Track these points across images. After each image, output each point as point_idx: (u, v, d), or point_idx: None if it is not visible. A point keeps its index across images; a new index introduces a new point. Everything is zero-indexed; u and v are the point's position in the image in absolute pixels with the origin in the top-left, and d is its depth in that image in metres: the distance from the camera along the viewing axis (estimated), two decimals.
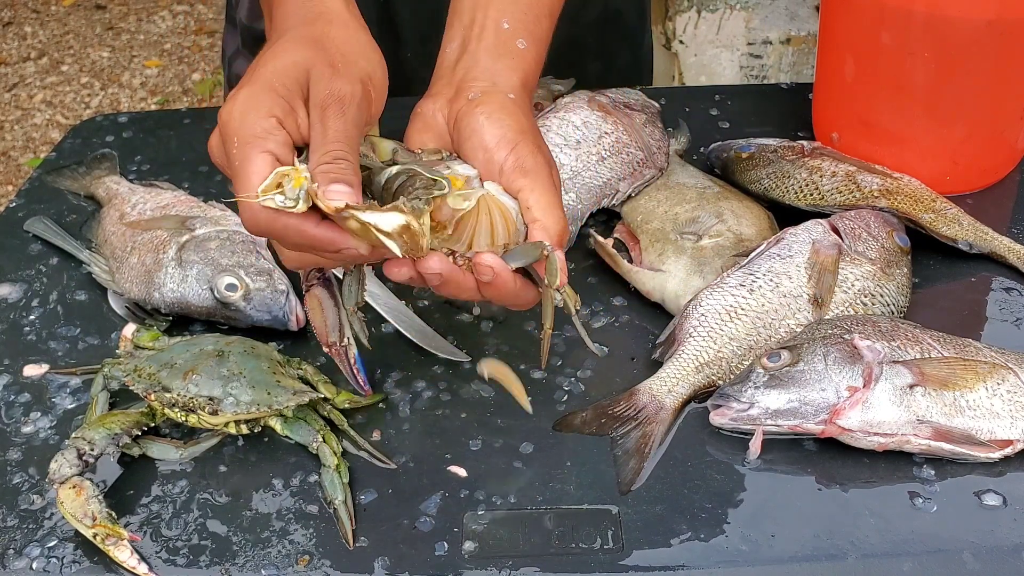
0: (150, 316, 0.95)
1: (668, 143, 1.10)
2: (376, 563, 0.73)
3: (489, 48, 0.84)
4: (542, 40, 0.88)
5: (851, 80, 1.06)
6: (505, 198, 0.76)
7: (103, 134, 1.25)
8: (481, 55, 0.84)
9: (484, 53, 0.84)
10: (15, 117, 3.38)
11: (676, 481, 0.79)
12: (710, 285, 0.91)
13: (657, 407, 0.83)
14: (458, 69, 0.84)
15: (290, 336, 0.93)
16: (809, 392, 0.79)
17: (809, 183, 1.03)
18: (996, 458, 0.78)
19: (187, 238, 0.97)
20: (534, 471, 0.80)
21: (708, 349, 0.86)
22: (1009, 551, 0.73)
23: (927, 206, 1.01)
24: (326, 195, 0.68)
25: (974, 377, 0.79)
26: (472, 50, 0.84)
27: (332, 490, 0.77)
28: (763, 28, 2.10)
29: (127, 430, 0.80)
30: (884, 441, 0.78)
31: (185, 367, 0.81)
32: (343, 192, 0.69)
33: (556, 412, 0.85)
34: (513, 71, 0.84)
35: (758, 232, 0.97)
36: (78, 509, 0.74)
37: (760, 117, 1.21)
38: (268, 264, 0.96)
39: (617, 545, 0.74)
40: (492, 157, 0.77)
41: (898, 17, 0.99)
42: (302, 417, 0.82)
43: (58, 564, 0.74)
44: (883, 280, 0.91)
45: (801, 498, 0.77)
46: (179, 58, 3.64)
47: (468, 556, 0.74)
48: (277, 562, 0.74)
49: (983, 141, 1.06)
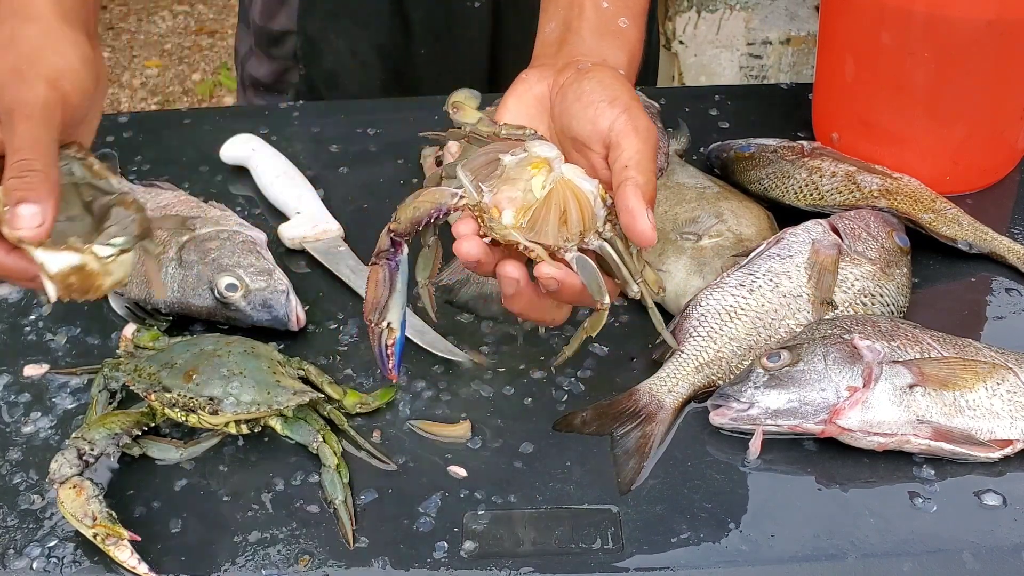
0: (150, 316, 0.95)
1: (668, 143, 1.09)
2: (376, 563, 0.73)
3: (593, 28, 0.84)
4: (640, 16, 0.88)
5: (851, 80, 1.06)
6: (583, 182, 0.74)
7: (103, 134, 1.25)
8: (586, 34, 0.83)
9: (589, 33, 0.83)
10: None
11: (676, 481, 0.79)
12: (710, 285, 0.91)
13: (657, 407, 0.83)
14: (564, 49, 0.83)
15: (290, 336, 0.93)
16: (809, 392, 0.79)
17: (809, 183, 1.03)
18: (996, 458, 0.78)
19: (187, 238, 0.96)
20: (534, 471, 0.80)
21: (708, 349, 0.86)
22: (1009, 551, 0.73)
23: (927, 206, 1.01)
24: (12, 220, 0.64)
25: (974, 377, 0.80)
26: (576, 28, 0.84)
27: (332, 490, 0.77)
28: (763, 28, 2.10)
29: (127, 430, 0.80)
30: (884, 441, 0.78)
31: (185, 367, 0.81)
32: (31, 214, 0.65)
33: (556, 412, 0.85)
34: (620, 49, 0.83)
35: (758, 232, 0.98)
36: (78, 509, 0.74)
37: (760, 117, 1.21)
38: (268, 264, 0.96)
39: (617, 545, 0.74)
40: (602, 114, 0.75)
41: (898, 17, 0.99)
42: (302, 417, 0.82)
43: (58, 564, 0.74)
44: (883, 280, 0.91)
45: (801, 498, 0.77)
46: (179, 58, 3.63)
47: (468, 556, 0.74)
48: (277, 562, 0.74)
49: (983, 141, 1.06)
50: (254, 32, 1.34)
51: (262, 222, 1.06)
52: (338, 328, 0.94)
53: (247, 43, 1.37)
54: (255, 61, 1.36)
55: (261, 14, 1.32)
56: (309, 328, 0.94)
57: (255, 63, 1.36)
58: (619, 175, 0.73)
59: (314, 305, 0.97)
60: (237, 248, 0.96)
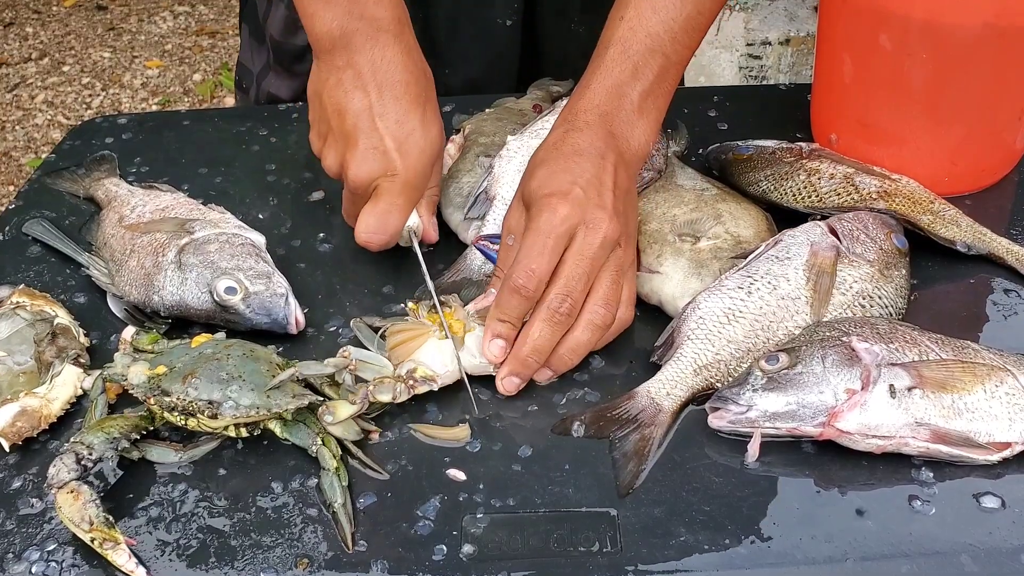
0: (149, 319, 0.95)
1: (666, 145, 1.09)
2: (375, 566, 0.73)
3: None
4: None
5: (849, 81, 1.06)
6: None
7: (102, 136, 1.25)
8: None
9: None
10: (16, 117, 3.38)
11: (675, 484, 0.79)
12: (708, 288, 0.91)
13: (655, 410, 0.83)
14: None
15: (289, 339, 0.93)
16: (807, 394, 0.79)
17: (807, 185, 1.03)
18: (994, 460, 0.78)
19: (186, 241, 0.96)
20: (533, 474, 0.80)
21: (706, 352, 0.86)
22: (1007, 553, 0.73)
23: (925, 207, 1.01)
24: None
25: (972, 379, 0.79)
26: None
27: (331, 493, 0.77)
28: (762, 29, 2.10)
29: (126, 434, 0.80)
30: (882, 443, 0.78)
31: (184, 370, 0.82)
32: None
33: (555, 415, 0.85)
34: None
35: (756, 234, 0.97)
36: (75, 514, 0.74)
37: (758, 118, 1.21)
38: (267, 267, 0.96)
39: (616, 548, 0.74)
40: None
41: (896, 20, 0.98)
42: (301, 420, 0.82)
43: (57, 568, 0.74)
44: (881, 282, 0.91)
45: (799, 501, 0.77)
46: (180, 59, 3.64)
47: (467, 559, 0.74)
48: (276, 565, 0.74)
49: (981, 142, 1.06)
50: (271, 48, 1.32)
51: (261, 225, 1.06)
52: (337, 331, 0.94)
53: (263, 59, 1.35)
54: (275, 78, 1.34)
55: (281, 31, 1.29)
56: (308, 331, 0.94)
57: (275, 81, 1.34)
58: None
59: (313, 308, 0.97)
60: (236, 251, 0.96)
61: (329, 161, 0.95)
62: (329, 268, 1.03)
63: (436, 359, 0.85)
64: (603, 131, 0.91)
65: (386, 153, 0.91)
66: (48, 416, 0.84)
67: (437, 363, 0.85)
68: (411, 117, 0.92)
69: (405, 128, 0.92)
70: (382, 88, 0.92)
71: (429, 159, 0.94)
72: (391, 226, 0.94)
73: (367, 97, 0.92)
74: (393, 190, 0.92)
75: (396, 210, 0.93)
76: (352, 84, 0.92)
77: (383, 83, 0.92)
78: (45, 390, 0.85)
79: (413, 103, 0.93)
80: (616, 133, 0.92)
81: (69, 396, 0.86)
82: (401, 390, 0.83)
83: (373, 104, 0.91)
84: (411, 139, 0.92)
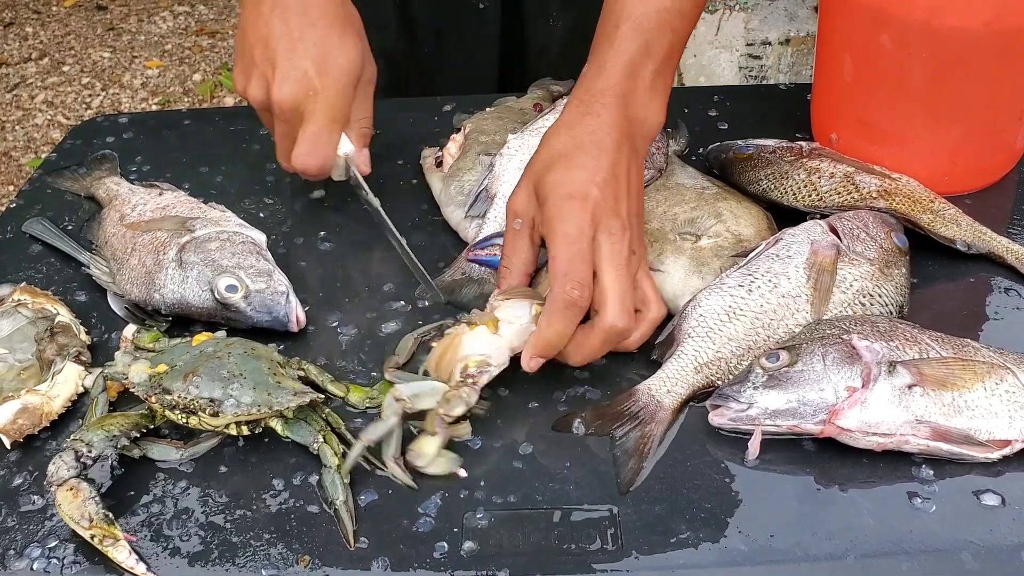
0: (150, 317, 0.95)
1: (667, 144, 1.10)
2: (376, 563, 0.73)
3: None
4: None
5: (850, 81, 1.06)
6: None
7: (103, 135, 1.25)
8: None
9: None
10: (16, 117, 3.38)
11: (675, 481, 0.79)
12: (709, 286, 0.91)
13: (656, 407, 0.83)
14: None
15: (290, 337, 0.93)
16: (808, 392, 0.79)
17: (808, 184, 1.03)
18: (995, 458, 0.78)
19: (187, 239, 0.97)
20: (534, 471, 0.80)
21: (707, 349, 0.86)
22: (1008, 551, 0.73)
23: (925, 206, 1.01)
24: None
25: (972, 377, 0.80)
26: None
27: (333, 490, 0.77)
28: (762, 29, 2.10)
29: (126, 432, 0.80)
30: (883, 441, 0.78)
31: (185, 369, 0.82)
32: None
33: (556, 412, 0.85)
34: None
35: (757, 232, 0.98)
36: (75, 511, 0.74)
37: (759, 118, 1.21)
38: (268, 265, 0.96)
39: (616, 545, 0.74)
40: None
41: (896, 19, 0.99)
42: (303, 418, 0.83)
43: (58, 565, 0.74)
44: (881, 280, 0.91)
45: (800, 498, 0.77)
46: (180, 59, 3.64)
47: (468, 556, 0.74)
48: (277, 563, 0.74)
49: (982, 141, 1.06)
50: None
51: (262, 223, 1.06)
52: (338, 328, 0.94)
53: None
54: None
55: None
56: (309, 328, 0.94)
57: None
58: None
59: (314, 306, 0.97)
60: (237, 249, 0.96)
61: (254, 91, 0.98)
62: (329, 266, 1.03)
63: (478, 347, 0.83)
64: (620, 115, 0.90)
65: (306, 73, 0.96)
66: (49, 413, 0.84)
67: (481, 349, 0.83)
68: (329, 39, 0.97)
69: (322, 49, 0.96)
70: (302, 15, 0.96)
71: (350, 78, 0.98)
72: (322, 145, 0.97)
73: (287, 24, 0.96)
74: (317, 110, 0.96)
75: (324, 131, 0.97)
76: (273, 15, 0.97)
77: (304, 11, 0.97)
78: (46, 388, 0.85)
79: (330, 27, 0.97)
80: (632, 116, 0.91)
81: (70, 394, 0.86)
82: (467, 393, 0.81)
83: (292, 30, 0.96)
84: (329, 58, 0.96)
